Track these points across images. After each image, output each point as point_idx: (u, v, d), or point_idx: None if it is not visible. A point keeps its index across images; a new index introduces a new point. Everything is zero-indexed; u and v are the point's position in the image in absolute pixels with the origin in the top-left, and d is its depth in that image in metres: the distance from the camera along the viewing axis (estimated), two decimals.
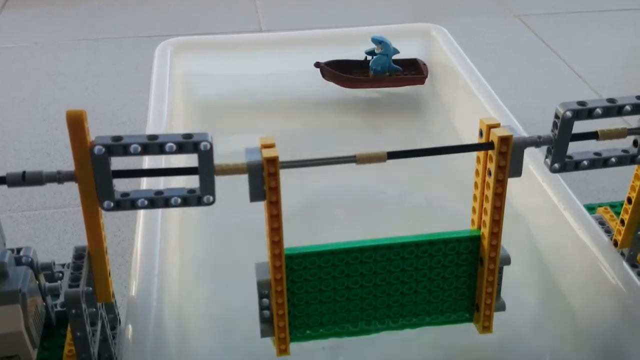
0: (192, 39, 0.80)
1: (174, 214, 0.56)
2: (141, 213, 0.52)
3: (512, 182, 0.46)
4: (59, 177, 0.41)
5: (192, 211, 0.60)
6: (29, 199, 0.61)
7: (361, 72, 0.80)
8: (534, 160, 0.60)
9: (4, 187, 0.41)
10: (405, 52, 0.82)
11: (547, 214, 0.57)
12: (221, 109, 0.69)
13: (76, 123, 0.40)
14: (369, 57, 0.80)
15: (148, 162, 0.54)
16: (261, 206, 0.43)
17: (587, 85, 0.91)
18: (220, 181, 0.42)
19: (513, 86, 0.92)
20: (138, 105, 0.83)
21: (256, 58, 0.79)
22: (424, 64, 0.81)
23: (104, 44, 1.02)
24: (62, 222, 0.60)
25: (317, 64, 0.78)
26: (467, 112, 0.73)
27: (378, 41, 0.78)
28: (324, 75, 0.79)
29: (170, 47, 0.78)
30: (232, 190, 0.46)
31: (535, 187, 0.59)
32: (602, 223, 0.58)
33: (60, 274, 0.52)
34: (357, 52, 0.81)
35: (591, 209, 0.61)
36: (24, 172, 0.41)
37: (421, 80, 0.80)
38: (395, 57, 0.81)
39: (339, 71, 0.79)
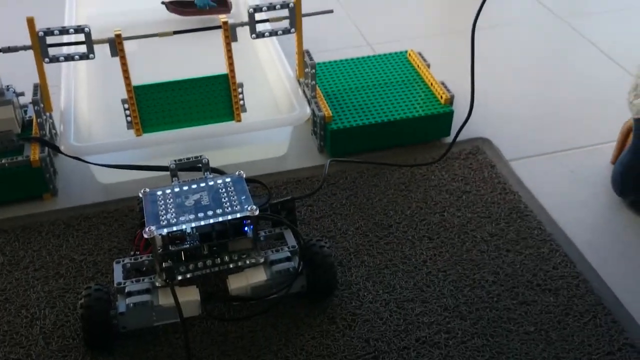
0: None
1: (82, 71, 1.11)
2: (64, 69, 1.06)
3: (250, 47, 1.01)
4: (25, 48, 0.93)
5: (89, 70, 1.15)
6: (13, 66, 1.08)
7: (191, 6, 1.35)
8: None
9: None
10: None
11: (272, 66, 1.14)
12: (108, 27, 1.22)
13: (30, 22, 0.92)
14: None
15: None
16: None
17: (364, 39, 1.47)
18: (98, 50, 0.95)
19: None
20: None
21: None
22: (230, 2, 1.36)
23: None
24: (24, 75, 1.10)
25: (162, 2, 1.33)
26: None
27: None
28: (168, 9, 1.34)
29: None
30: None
31: (262, 56, 1.15)
32: None
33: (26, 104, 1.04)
34: None
35: None
36: (9, 46, 0.93)
37: (227, 11, 1.35)
38: None
39: (177, 6, 1.34)
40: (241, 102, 1.03)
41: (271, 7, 1.00)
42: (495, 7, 1.43)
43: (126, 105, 0.98)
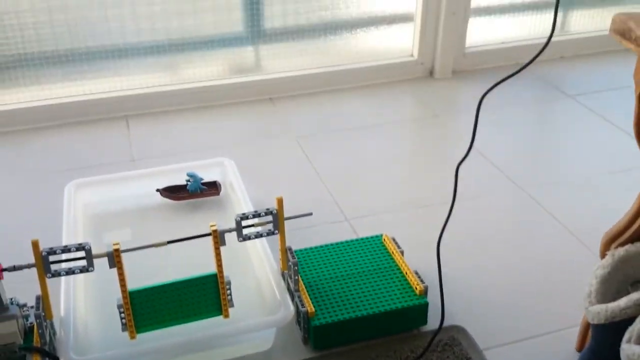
0: (87, 180, 1.43)
1: (80, 279, 1.18)
2: (62, 280, 1.13)
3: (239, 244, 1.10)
4: (29, 266, 1.01)
5: (89, 281, 1.22)
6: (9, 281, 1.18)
7: (183, 191, 1.45)
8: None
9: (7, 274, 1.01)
10: (213, 172, 1.48)
11: (258, 260, 1.22)
12: (105, 218, 1.30)
13: (35, 244, 1.00)
14: (187, 183, 1.45)
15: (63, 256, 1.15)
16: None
17: (343, 214, 1.59)
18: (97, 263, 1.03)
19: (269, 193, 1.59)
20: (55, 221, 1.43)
21: (126, 186, 1.44)
22: (220, 184, 1.47)
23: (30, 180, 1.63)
24: (25, 290, 1.18)
25: (157, 190, 1.43)
26: (239, 204, 1.38)
27: (190, 175, 1.44)
28: (161, 195, 1.43)
29: (74, 186, 1.40)
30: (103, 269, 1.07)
31: (250, 250, 1.24)
32: None
33: (28, 309, 1.11)
34: (182, 177, 1.46)
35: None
36: (14, 265, 1.01)
37: (217, 193, 1.46)
38: (204, 181, 1.46)
39: (169, 192, 1.44)
40: (229, 297, 1.10)
41: (256, 215, 1.09)
42: (460, 178, 1.54)
43: (122, 309, 1.05)
